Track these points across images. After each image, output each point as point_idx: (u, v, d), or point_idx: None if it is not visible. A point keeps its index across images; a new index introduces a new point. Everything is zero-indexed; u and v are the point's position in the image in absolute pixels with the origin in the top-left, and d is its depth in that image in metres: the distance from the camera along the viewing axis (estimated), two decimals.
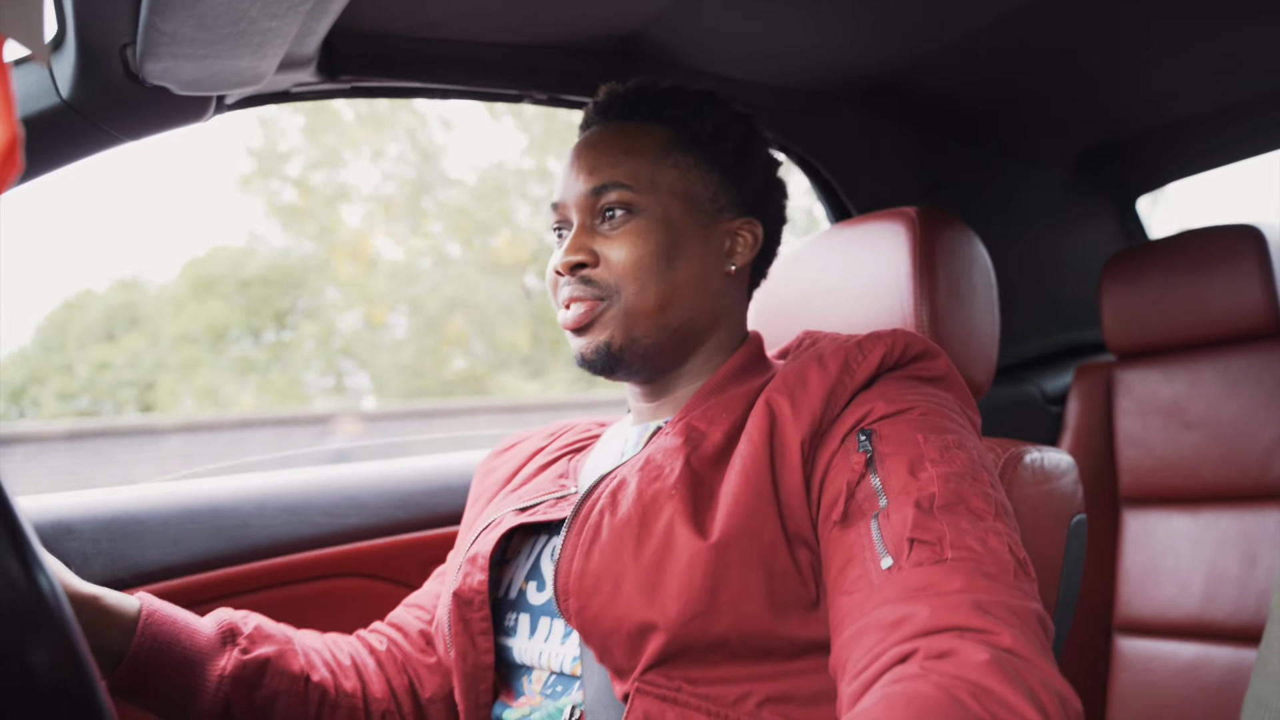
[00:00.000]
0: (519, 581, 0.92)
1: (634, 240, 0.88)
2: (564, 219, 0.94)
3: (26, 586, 0.57)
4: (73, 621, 0.60)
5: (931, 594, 0.65)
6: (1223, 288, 1.58)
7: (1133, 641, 1.62)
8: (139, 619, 0.85)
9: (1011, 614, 0.64)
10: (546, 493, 0.94)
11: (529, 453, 1.05)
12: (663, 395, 0.95)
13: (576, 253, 0.89)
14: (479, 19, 1.19)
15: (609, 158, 0.91)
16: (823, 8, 1.28)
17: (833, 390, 0.81)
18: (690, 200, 0.92)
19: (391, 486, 1.35)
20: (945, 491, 0.72)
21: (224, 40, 0.86)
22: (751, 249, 0.95)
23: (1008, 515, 0.74)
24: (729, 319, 0.96)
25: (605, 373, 0.91)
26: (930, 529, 0.69)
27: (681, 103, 0.95)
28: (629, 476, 0.83)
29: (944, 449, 0.76)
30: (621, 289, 0.88)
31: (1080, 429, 1.73)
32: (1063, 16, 1.35)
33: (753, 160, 0.97)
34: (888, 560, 0.69)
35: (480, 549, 0.91)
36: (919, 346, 0.86)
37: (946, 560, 0.67)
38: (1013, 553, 0.69)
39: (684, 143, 0.93)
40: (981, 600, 0.64)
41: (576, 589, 0.79)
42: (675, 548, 0.76)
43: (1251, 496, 1.55)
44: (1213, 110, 1.75)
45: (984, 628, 0.62)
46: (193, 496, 1.21)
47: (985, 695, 0.57)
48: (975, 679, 0.57)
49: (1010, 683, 0.57)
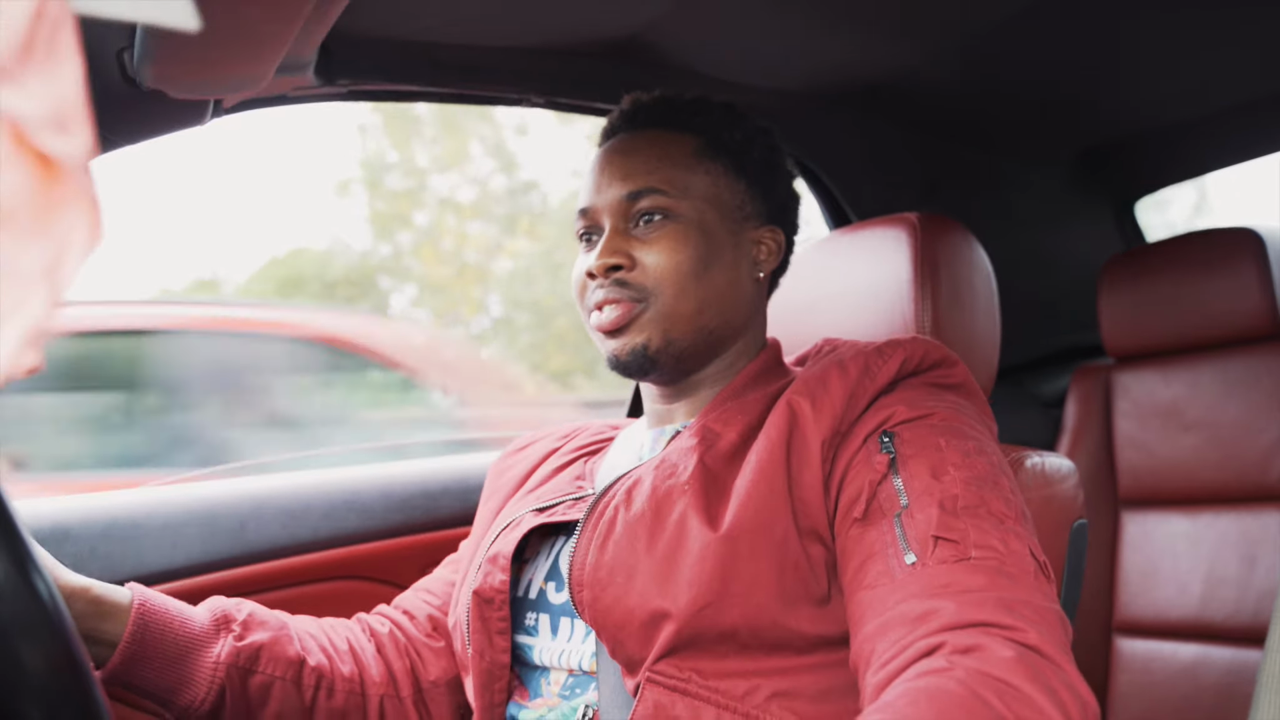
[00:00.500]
0: (538, 581, 0.93)
1: (672, 245, 0.89)
2: (594, 224, 0.94)
3: (24, 591, 0.56)
4: (70, 624, 0.60)
5: (956, 590, 0.66)
6: (1221, 290, 1.58)
7: (1132, 642, 1.62)
8: (131, 608, 0.86)
9: (1036, 613, 0.65)
10: (565, 494, 0.95)
11: (543, 454, 1.06)
12: (682, 397, 0.96)
13: (612, 255, 0.90)
14: (477, 22, 1.19)
15: (644, 164, 0.92)
16: (822, 11, 1.28)
17: (854, 393, 0.82)
18: (722, 207, 0.93)
19: (390, 489, 1.34)
20: (967, 494, 0.73)
21: (222, 44, 0.85)
22: (776, 256, 0.97)
23: (1027, 520, 0.75)
24: (754, 325, 0.98)
25: (638, 374, 0.93)
26: (954, 528, 0.70)
27: (709, 112, 0.97)
28: (644, 475, 0.85)
29: (965, 454, 0.77)
30: (659, 293, 0.89)
31: (1078, 431, 1.73)
32: (1062, 19, 1.35)
33: (776, 170, 0.99)
34: (911, 556, 0.70)
35: (502, 549, 0.92)
36: (937, 354, 0.87)
37: (970, 559, 0.68)
38: (1034, 556, 0.71)
39: (713, 151, 0.94)
40: (1006, 599, 0.65)
41: (591, 580, 0.81)
42: (687, 539, 0.78)
43: (1251, 498, 1.55)
44: (1212, 113, 1.75)
45: (1010, 624, 0.63)
46: (190, 499, 1.21)
47: (1009, 693, 0.57)
48: (1001, 675, 0.58)
49: (1034, 681, 0.58)
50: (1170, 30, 1.42)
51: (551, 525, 0.93)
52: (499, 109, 1.59)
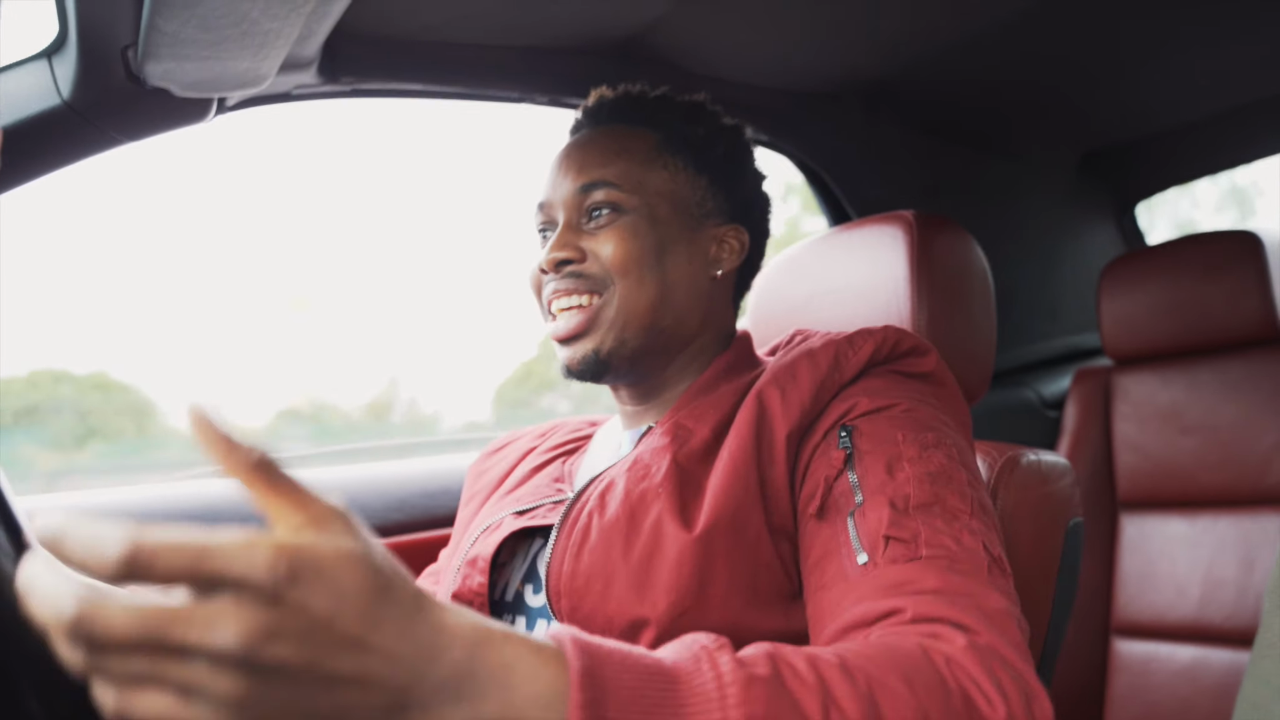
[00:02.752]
0: (515, 584, 0.92)
1: (621, 236, 0.89)
2: (549, 219, 0.94)
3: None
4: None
5: (911, 590, 0.66)
6: (1221, 293, 1.58)
7: (1130, 644, 1.62)
8: None
9: (989, 612, 0.64)
10: (544, 496, 0.94)
11: (520, 454, 1.06)
12: (649, 399, 0.95)
13: (563, 249, 0.89)
14: (480, 21, 1.20)
15: (599, 157, 0.92)
16: (822, 11, 1.29)
17: (822, 384, 0.82)
18: (677, 203, 0.92)
19: (389, 489, 1.35)
20: (921, 491, 0.72)
21: (225, 42, 0.86)
22: (737, 255, 0.96)
23: (985, 513, 0.74)
24: (715, 324, 0.96)
25: (592, 379, 0.92)
26: (906, 526, 0.70)
27: (673, 109, 0.96)
28: (617, 478, 0.84)
29: (923, 447, 0.76)
30: (614, 282, 0.89)
31: (1078, 433, 1.73)
32: (1062, 21, 1.36)
33: (742, 168, 0.98)
34: (863, 556, 0.70)
35: (481, 552, 0.91)
36: (909, 343, 0.86)
37: (921, 558, 0.68)
38: (988, 550, 0.70)
39: (674, 146, 0.94)
40: (958, 598, 0.65)
41: (568, 590, 0.79)
42: (663, 543, 0.77)
43: (1249, 501, 1.55)
44: (1212, 115, 1.75)
45: (964, 623, 0.63)
46: (189, 499, 1.21)
47: (956, 666, 0.58)
48: (954, 656, 0.59)
49: (983, 668, 0.58)
50: (1171, 33, 1.43)
51: (530, 528, 0.92)
52: None
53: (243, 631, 0.38)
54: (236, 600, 0.39)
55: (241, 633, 0.38)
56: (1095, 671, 1.63)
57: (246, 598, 0.39)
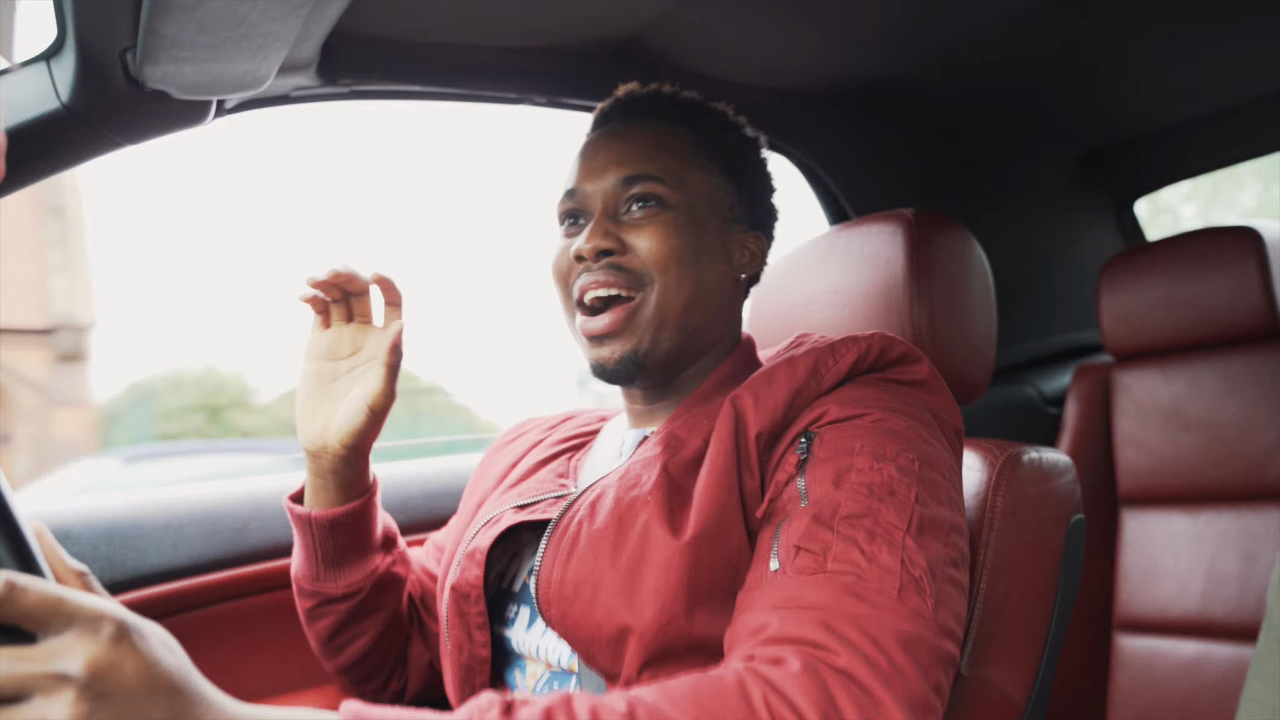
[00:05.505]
0: (523, 574, 0.92)
1: (664, 232, 0.88)
2: (580, 207, 0.93)
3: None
4: None
5: (793, 606, 0.66)
6: (1221, 289, 1.58)
7: (1133, 639, 1.62)
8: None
9: (865, 637, 0.63)
10: (547, 491, 0.94)
11: (528, 445, 1.06)
12: (660, 400, 0.95)
13: (604, 238, 0.88)
14: (478, 22, 1.20)
15: (642, 150, 0.91)
16: (821, 10, 1.29)
17: (798, 391, 0.81)
18: (713, 204, 0.93)
19: (390, 489, 1.34)
20: (854, 502, 0.71)
21: (224, 44, 0.86)
22: (758, 262, 0.97)
23: (934, 529, 0.72)
24: (732, 328, 0.97)
25: (625, 381, 0.92)
26: (819, 539, 0.69)
27: (706, 113, 0.97)
28: (608, 488, 0.84)
29: (877, 459, 0.74)
30: (654, 280, 0.88)
31: (1079, 430, 1.73)
32: (1061, 19, 1.36)
33: (765, 180, 1.00)
34: (776, 563, 0.70)
35: (480, 544, 0.91)
36: (899, 350, 0.85)
37: (824, 572, 0.67)
38: (906, 569, 0.67)
39: (708, 150, 0.94)
40: (836, 619, 0.64)
41: (557, 597, 0.80)
42: (651, 549, 0.76)
43: (1251, 496, 1.55)
44: (1212, 112, 1.75)
45: (824, 645, 0.62)
46: (191, 501, 1.21)
47: (776, 697, 0.59)
48: (780, 686, 0.60)
49: (812, 698, 0.59)
50: (1171, 30, 1.43)
51: (535, 520, 0.92)
52: None
53: (87, 661, 0.49)
54: (82, 636, 0.50)
55: (86, 662, 0.49)
56: (1098, 667, 1.63)
57: (90, 636, 0.50)
